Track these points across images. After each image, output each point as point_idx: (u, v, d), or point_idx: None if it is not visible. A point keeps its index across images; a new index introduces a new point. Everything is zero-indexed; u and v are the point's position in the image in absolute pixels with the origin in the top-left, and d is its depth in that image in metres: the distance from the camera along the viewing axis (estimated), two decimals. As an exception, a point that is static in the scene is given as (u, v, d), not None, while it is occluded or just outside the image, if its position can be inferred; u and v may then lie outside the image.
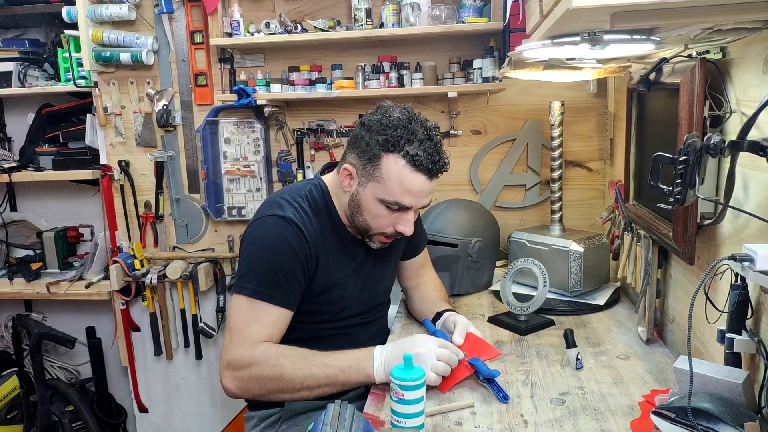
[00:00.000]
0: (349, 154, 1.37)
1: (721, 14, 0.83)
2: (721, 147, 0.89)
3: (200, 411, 2.66)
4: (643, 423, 1.10)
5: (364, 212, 1.36)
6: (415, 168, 1.28)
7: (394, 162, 1.29)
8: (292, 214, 1.34)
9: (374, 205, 1.34)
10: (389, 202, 1.32)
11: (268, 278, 1.31)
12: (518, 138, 2.22)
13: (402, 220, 1.36)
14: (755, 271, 0.81)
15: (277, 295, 1.32)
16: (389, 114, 1.32)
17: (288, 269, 1.32)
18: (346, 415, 1.01)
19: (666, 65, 1.29)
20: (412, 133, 1.29)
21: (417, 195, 1.32)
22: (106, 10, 2.24)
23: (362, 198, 1.35)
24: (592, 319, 1.66)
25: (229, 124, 2.33)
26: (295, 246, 1.32)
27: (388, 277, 1.62)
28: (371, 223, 1.37)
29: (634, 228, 1.59)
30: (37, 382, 2.52)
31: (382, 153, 1.30)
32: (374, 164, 1.31)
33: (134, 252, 2.45)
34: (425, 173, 1.29)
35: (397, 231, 1.38)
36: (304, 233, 1.34)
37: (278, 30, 2.14)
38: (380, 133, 1.29)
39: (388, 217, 1.35)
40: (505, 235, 2.06)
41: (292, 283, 1.34)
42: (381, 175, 1.30)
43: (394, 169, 1.29)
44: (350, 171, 1.36)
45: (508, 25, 1.87)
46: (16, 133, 2.73)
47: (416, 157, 1.27)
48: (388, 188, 1.31)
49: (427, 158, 1.28)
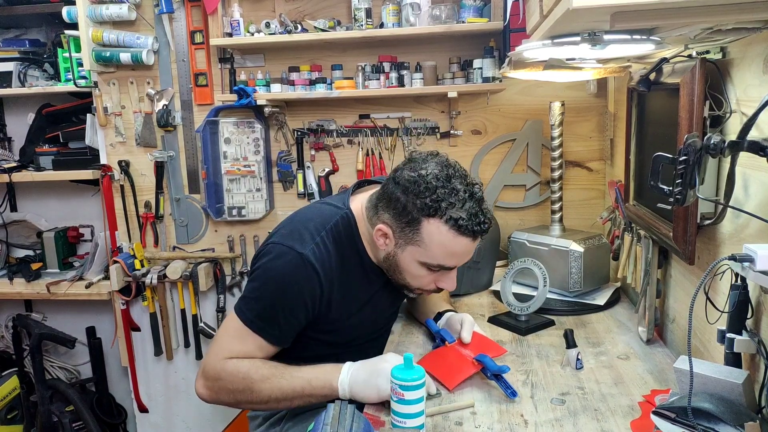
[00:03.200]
0: (383, 212, 1.27)
1: (721, 14, 0.83)
2: (721, 147, 0.89)
3: (200, 411, 2.66)
4: (643, 423, 1.10)
5: (403, 273, 1.31)
6: (460, 233, 1.20)
7: (436, 228, 1.20)
8: (311, 252, 1.26)
9: (415, 267, 1.28)
10: (432, 265, 1.27)
11: (267, 313, 1.28)
12: (518, 138, 2.22)
13: (444, 278, 1.31)
14: (755, 271, 0.81)
15: (270, 331, 1.29)
16: (425, 170, 1.22)
17: (289, 310, 1.28)
18: (346, 415, 1.01)
19: (666, 65, 1.29)
20: (453, 193, 1.20)
21: (461, 257, 1.27)
22: (106, 10, 2.24)
23: (401, 260, 1.28)
24: (592, 319, 1.66)
25: (229, 124, 2.33)
26: (304, 290, 1.27)
27: (400, 300, 1.59)
28: (412, 283, 1.33)
29: (634, 228, 1.59)
30: (37, 382, 2.53)
31: (422, 218, 1.21)
32: (413, 228, 1.22)
33: (134, 252, 2.44)
34: (470, 236, 1.22)
35: (438, 288, 1.34)
36: (320, 275, 1.27)
37: (278, 30, 2.14)
38: (419, 197, 1.20)
39: (429, 276, 1.30)
40: (505, 235, 2.06)
41: (291, 323, 1.30)
42: (422, 239, 1.23)
43: (436, 234, 1.21)
44: (386, 232, 1.27)
45: (508, 25, 1.87)
46: (16, 133, 2.73)
47: (460, 221, 1.19)
48: (429, 252, 1.24)
49: (472, 221, 1.20)
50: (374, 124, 2.27)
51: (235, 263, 2.49)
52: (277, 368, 1.28)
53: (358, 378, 1.22)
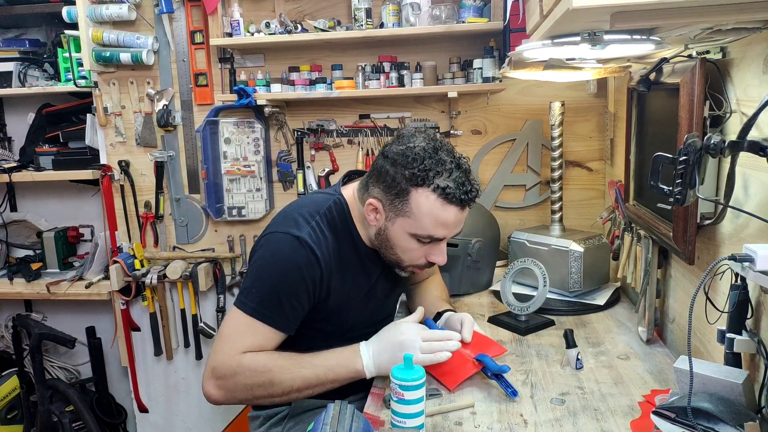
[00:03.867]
0: (373, 187, 1.30)
1: (721, 14, 0.83)
2: (721, 147, 0.89)
3: (200, 411, 2.66)
4: (643, 423, 1.10)
5: (394, 247, 1.31)
6: (447, 201, 1.23)
7: (424, 197, 1.23)
8: (308, 235, 1.28)
9: (405, 240, 1.29)
10: (421, 236, 1.27)
11: (270, 299, 1.27)
12: (518, 138, 2.22)
13: (435, 250, 1.32)
14: (755, 271, 0.81)
15: (276, 318, 1.28)
16: (412, 144, 1.26)
17: (292, 293, 1.28)
18: (346, 415, 1.01)
19: (666, 65, 1.29)
20: (440, 163, 1.23)
21: (450, 227, 1.27)
22: (106, 10, 2.24)
23: (391, 233, 1.30)
24: (592, 319, 1.66)
25: (229, 124, 2.33)
26: (305, 271, 1.27)
27: (400, 288, 1.60)
28: (403, 257, 1.33)
29: (634, 228, 1.59)
30: (37, 382, 2.53)
31: (410, 188, 1.23)
32: (402, 199, 1.24)
33: (134, 252, 2.44)
34: (458, 205, 1.24)
35: (429, 262, 1.34)
36: (318, 257, 1.28)
37: (278, 30, 2.14)
38: (406, 167, 1.23)
39: (419, 249, 1.31)
40: (505, 235, 2.06)
41: (295, 307, 1.29)
42: (411, 210, 1.24)
43: (425, 203, 1.23)
44: (376, 206, 1.29)
45: (508, 25, 1.87)
46: (16, 133, 2.73)
47: (447, 189, 1.21)
48: (419, 223, 1.25)
49: (459, 189, 1.22)
50: (374, 124, 2.27)
51: (235, 263, 2.49)
52: (294, 358, 1.28)
53: (382, 357, 1.24)
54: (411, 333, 1.26)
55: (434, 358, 1.24)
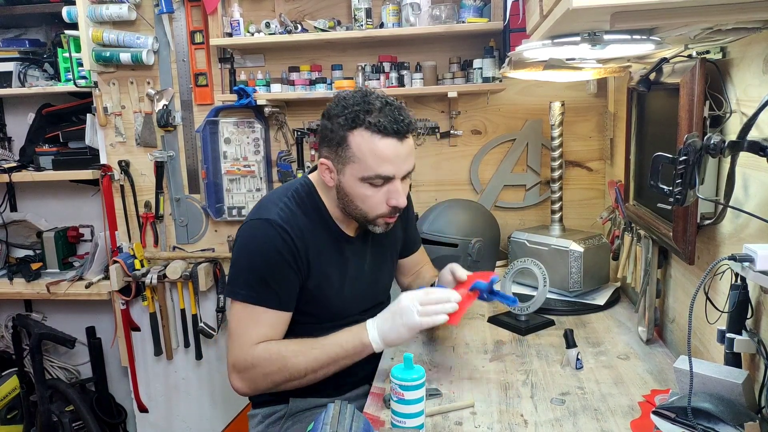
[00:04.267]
0: (321, 149, 1.37)
1: (721, 14, 0.83)
2: (721, 147, 0.89)
3: (200, 411, 2.66)
4: (643, 423, 1.10)
5: (354, 199, 1.34)
6: (382, 134, 1.27)
7: (360, 137, 1.28)
8: (277, 216, 1.33)
9: (359, 187, 1.32)
10: (371, 177, 1.30)
11: (257, 283, 1.32)
12: (518, 138, 2.22)
13: (392, 193, 1.33)
14: (755, 271, 0.81)
15: (269, 298, 1.32)
16: (344, 97, 1.34)
17: (276, 272, 1.32)
18: (346, 415, 1.01)
19: (666, 65, 1.29)
20: (369, 104, 1.29)
21: (394, 161, 1.30)
22: (106, 10, 2.24)
23: (346, 185, 1.33)
24: (592, 319, 1.66)
25: (229, 124, 2.33)
26: (281, 249, 1.31)
27: (386, 274, 1.61)
28: (364, 207, 1.35)
29: (634, 228, 1.59)
30: (37, 382, 2.53)
31: (347, 133, 1.29)
32: (344, 147, 1.30)
33: (134, 252, 2.44)
34: (394, 136, 1.28)
35: (391, 206, 1.34)
36: (290, 234, 1.32)
37: (278, 30, 2.14)
38: (339, 116, 1.30)
39: (376, 194, 1.33)
40: (505, 235, 2.06)
41: (284, 286, 1.33)
42: (354, 154, 1.29)
43: (363, 142, 1.28)
44: (327, 164, 1.34)
45: (508, 25, 1.87)
46: (16, 133, 2.73)
47: (379, 124, 1.26)
48: (363, 164, 1.29)
49: (391, 121, 1.27)
50: (374, 124, 2.26)
51: (235, 263, 2.49)
52: (305, 342, 1.32)
53: (384, 327, 1.27)
54: (408, 299, 1.28)
55: (432, 321, 1.25)
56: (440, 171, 2.28)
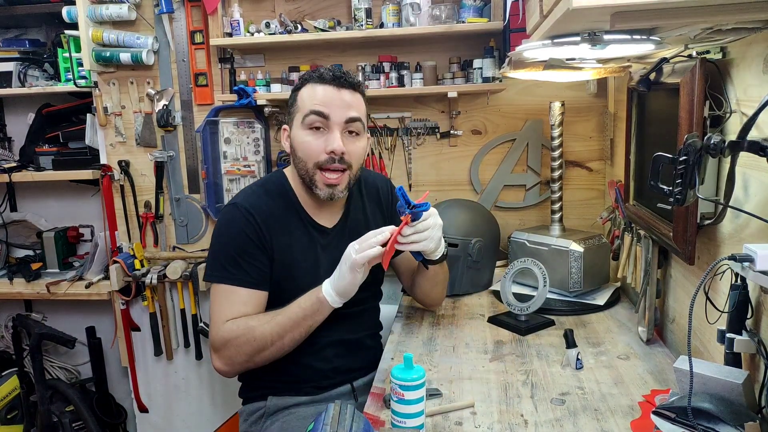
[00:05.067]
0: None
1: (721, 14, 0.83)
2: (721, 147, 0.89)
3: (200, 411, 2.66)
4: (643, 423, 1.10)
5: (297, 150, 1.42)
6: (321, 81, 1.40)
7: (304, 91, 1.42)
8: (243, 200, 1.43)
9: (302, 134, 1.40)
10: (307, 116, 1.38)
11: (228, 262, 1.39)
12: (518, 138, 2.22)
13: (329, 140, 1.39)
14: (755, 271, 0.81)
15: (241, 276, 1.39)
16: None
17: (244, 252, 1.39)
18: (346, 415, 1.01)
19: (666, 65, 1.29)
20: (318, 70, 1.43)
21: (328, 103, 1.38)
22: (106, 10, 2.24)
23: (293, 139, 1.44)
24: (592, 319, 1.66)
25: (229, 124, 2.33)
26: (245, 228, 1.39)
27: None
28: (304, 156, 1.41)
29: (634, 228, 1.59)
30: (37, 382, 2.52)
31: (296, 93, 1.44)
32: (293, 104, 1.44)
33: (134, 252, 2.44)
34: (331, 83, 1.39)
35: (329, 152, 1.38)
36: (253, 215, 1.40)
37: (278, 30, 2.14)
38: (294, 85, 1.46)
39: (315, 141, 1.39)
40: (505, 235, 2.07)
41: (254, 264, 1.39)
42: (297, 104, 1.42)
43: (305, 92, 1.41)
44: (285, 128, 1.48)
45: (508, 25, 1.87)
46: (16, 133, 2.73)
47: (321, 75, 1.40)
48: (303, 108, 1.40)
49: (330, 72, 1.40)
50: (374, 124, 2.27)
51: (235, 263, 2.49)
52: (269, 312, 1.39)
53: (333, 279, 1.35)
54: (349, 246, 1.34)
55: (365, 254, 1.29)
56: (440, 171, 2.28)
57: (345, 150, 1.39)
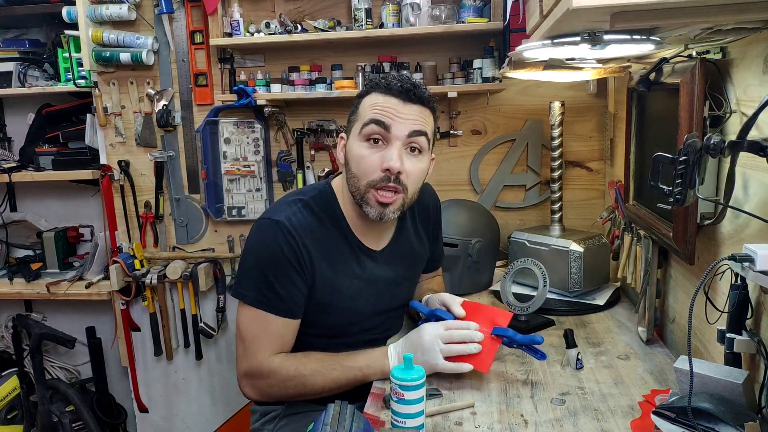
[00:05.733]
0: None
1: (721, 14, 0.83)
2: (721, 147, 0.89)
3: (200, 411, 2.66)
4: (643, 423, 1.10)
5: (352, 163, 1.30)
6: (388, 92, 1.27)
7: (368, 99, 1.30)
8: (286, 219, 1.29)
9: (358, 146, 1.29)
10: (366, 125, 1.26)
11: (264, 285, 1.29)
12: (518, 138, 2.22)
13: (386, 156, 1.25)
14: (755, 271, 0.81)
15: (276, 304, 1.30)
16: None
17: (282, 275, 1.29)
18: (346, 415, 1.01)
19: (666, 65, 1.29)
20: (386, 77, 1.31)
21: (391, 115, 1.25)
22: (106, 10, 2.24)
23: (349, 150, 1.32)
24: (592, 319, 1.66)
25: (229, 124, 2.33)
26: (286, 251, 1.27)
27: (407, 289, 1.54)
28: (358, 172, 1.28)
29: (634, 228, 1.59)
30: (37, 382, 2.52)
31: (360, 100, 1.32)
32: (355, 112, 1.33)
33: (134, 252, 2.44)
34: (397, 95, 1.26)
35: (384, 170, 1.26)
36: (295, 238, 1.28)
37: (278, 30, 2.14)
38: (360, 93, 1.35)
39: (371, 156, 1.26)
40: (505, 235, 2.06)
41: (290, 291, 1.30)
42: (358, 112, 1.31)
43: (368, 100, 1.30)
44: (342, 136, 1.37)
45: (508, 25, 1.87)
46: (16, 133, 2.73)
47: (388, 84, 1.27)
48: (362, 117, 1.29)
49: (397, 83, 1.27)
50: (374, 124, 2.26)
51: (235, 263, 2.49)
52: (324, 360, 1.31)
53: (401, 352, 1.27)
54: (430, 335, 1.27)
55: (456, 368, 1.25)
56: (440, 171, 2.28)
57: (403, 170, 1.26)
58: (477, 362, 1.28)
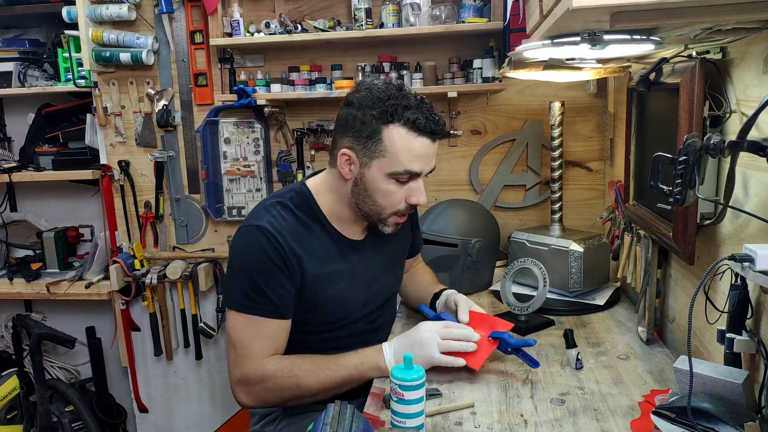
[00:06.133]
0: (342, 139, 1.31)
1: (721, 14, 0.83)
2: (721, 147, 0.89)
3: (200, 411, 2.66)
4: (643, 423, 1.10)
5: (374, 193, 1.31)
6: (419, 132, 1.25)
7: (396, 132, 1.25)
8: (268, 223, 1.30)
9: (384, 182, 1.29)
10: (399, 173, 1.27)
11: (252, 289, 1.29)
12: (518, 138, 2.22)
13: (414, 191, 1.31)
14: (755, 271, 0.81)
15: (266, 307, 1.30)
16: (375, 87, 1.29)
17: (269, 278, 1.30)
18: (346, 415, 1.01)
19: (666, 65, 1.29)
20: (406, 98, 1.26)
21: (424, 159, 1.29)
22: (106, 10, 2.24)
23: (369, 179, 1.30)
24: (592, 319, 1.66)
25: (229, 124, 2.33)
26: (271, 254, 1.29)
27: (394, 277, 1.58)
28: (383, 203, 1.32)
29: (634, 228, 1.59)
30: (37, 382, 2.52)
31: (381, 126, 1.25)
32: (375, 140, 1.26)
33: (134, 252, 2.44)
34: (428, 136, 1.27)
35: (410, 204, 1.33)
36: (279, 240, 1.29)
37: (278, 30, 2.14)
38: (374, 107, 1.25)
39: (399, 191, 1.30)
40: (505, 235, 2.06)
41: (278, 292, 1.30)
42: (386, 148, 1.26)
43: (398, 138, 1.25)
44: (349, 155, 1.30)
45: (508, 25, 1.87)
46: (16, 133, 2.73)
47: (417, 121, 1.24)
48: (394, 158, 1.26)
49: (428, 120, 1.25)
50: (374, 124, 2.26)
51: (235, 263, 2.49)
52: (318, 361, 1.31)
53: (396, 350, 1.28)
54: (429, 331, 1.29)
55: (451, 361, 1.27)
56: (440, 171, 2.28)
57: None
58: (470, 359, 1.31)
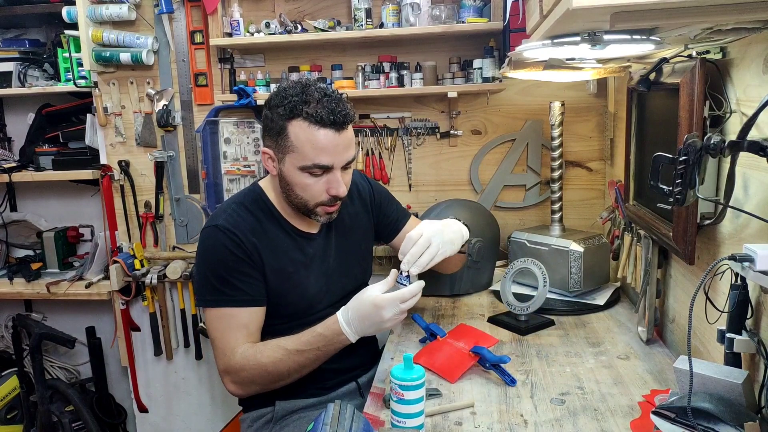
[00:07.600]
0: (264, 138, 1.40)
1: (721, 14, 0.83)
2: (721, 147, 0.89)
3: (200, 411, 2.66)
4: (643, 423, 1.10)
5: (294, 187, 1.37)
6: (320, 125, 1.30)
7: (299, 127, 1.31)
8: (225, 221, 1.39)
9: (298, 176, 1.35)
10: (309, 167, 1.33)
11: (220, 283, 1.36)
12: (518, 138, 2.22)
13: (332, 183, 1.36)
14: (755, 271, 0.82)
15: (237, 297, 1.36)
16: (284, 88, 1.36)
17: (234, 270, 1.36)
18: (346, 415, 1.01)
19: (666, 65, 1.29)
20: (307, 94, 1.31)
21: (331, 152, 1.32)
22: (106, 10, 2.24)
23: (286, 174, 1.36)
24: (592, 319, 1.66)
25: (229, 124, 2.33)
26: (233, 249, 1.36)
27: (357, 265, 1.60)
28: (305, 196, 1.38)
29: (634, 228, 1.59)
30: (37, 382, 2.52)
31: (285, 123, 1.32)
32: (283, 136, 1.33)
33: (134, 252, 2.44)
34: (330, 127, 1.30)
35: (331, 195, 1.37)
36: (238, 235, 1.37)
37: (278, 30, 2.14)
38: (279, 106, 1.32)
39: (316, 183, 1.36)
40: (505, 235, 2.06)
41: (246, 281, 1.37)
42: (292, 143, 1.32)
43: (300, 133, 1.31)
44: (269, 153, 1.38)
45: (508, 25, 1.87)
46: (16, 133, 2.73)
47: (317, 114, 1.29)
48: (301, 154, 1.32)
49: (328, 113, 1.29)
50: (374, 124, 2.27)
51: (235, 263, 2.49)
52: (279, 347, 1.34)
53: (353, 318, 1.31)
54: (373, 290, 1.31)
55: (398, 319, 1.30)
56: (440, 171, 2.28)
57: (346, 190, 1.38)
58: (448, 371, 1.33)
